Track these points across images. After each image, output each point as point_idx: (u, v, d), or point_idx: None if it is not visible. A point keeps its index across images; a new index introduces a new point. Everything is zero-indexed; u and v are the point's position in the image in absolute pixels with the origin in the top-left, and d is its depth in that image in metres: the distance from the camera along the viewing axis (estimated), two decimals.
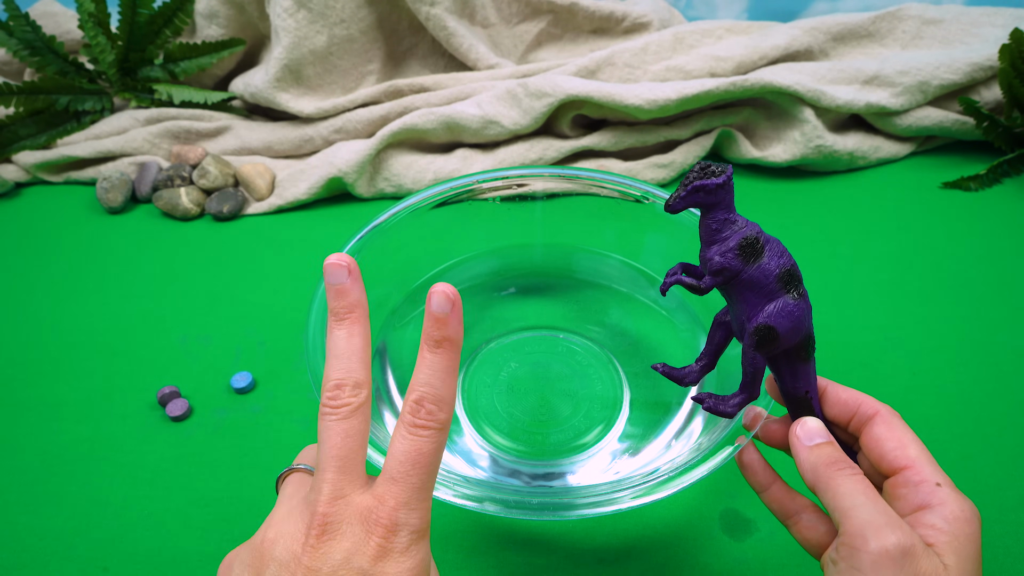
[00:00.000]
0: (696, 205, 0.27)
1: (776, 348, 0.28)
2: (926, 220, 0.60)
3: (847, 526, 0.25)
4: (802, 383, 0.29)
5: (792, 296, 0.27)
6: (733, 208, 0.27)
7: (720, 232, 0.27)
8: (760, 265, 0.27)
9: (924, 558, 0.24)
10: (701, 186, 0.27)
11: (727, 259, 0.27)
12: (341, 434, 0.25)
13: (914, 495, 0.26)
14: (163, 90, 0.67)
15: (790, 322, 0.27)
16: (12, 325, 0.52)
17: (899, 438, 0.27)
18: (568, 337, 0.48)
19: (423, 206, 0.46)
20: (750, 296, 0.27)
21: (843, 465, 0.26)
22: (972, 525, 0.25)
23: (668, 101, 0.60)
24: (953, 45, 0.68)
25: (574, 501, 0.32)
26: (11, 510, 0.41)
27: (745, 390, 0.29)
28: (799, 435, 0.28)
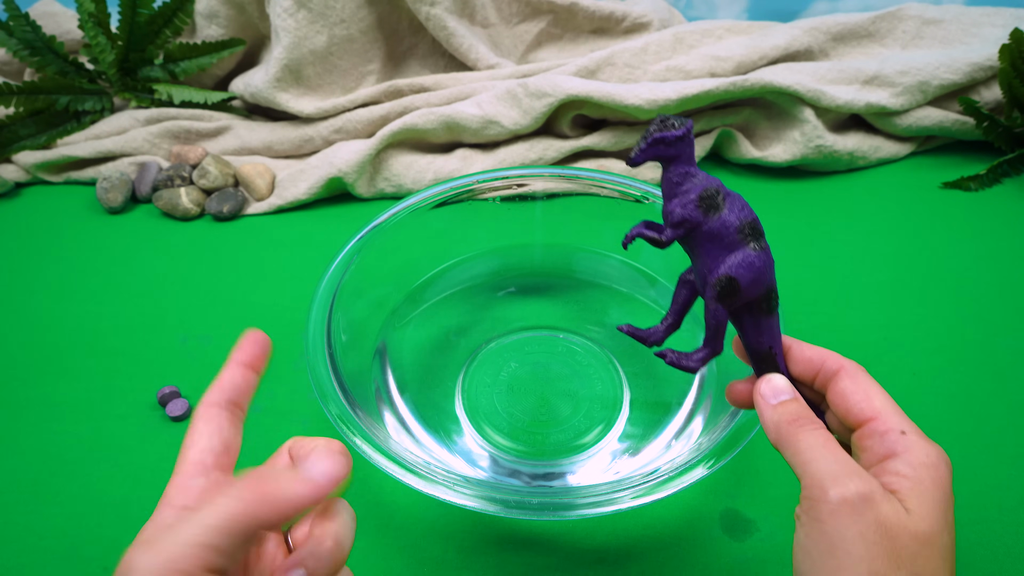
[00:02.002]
0: (657, 158, 0.27)
1: (738, 300, 0.28)
2: (926, 220, 0.60)
3: (807, 479, 0.25)
4: (766, 338, 0.29)
5: (753, 247, 0.27)
6: (694, 162, 0.28)
7: (681, 185, 0.28)
8: (721, 217, 0.27)
9: (884, 503, 0.24)
10: (661, 138, 0.27)
11: (687, 211, 0.27)
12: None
13: (880, 445, 0.26)
14: (163, 90, 0.67)
15: (751, 273, 0.27)
16: (12, 325, 0.52)
17: (864, 390, 0.27)
18: (568, 337, 0.48)
19: (423, 206, 0.46)
20: (711, 248, 0.27)
21: (805, 421, 0.26)
22: (938, 470, 0.25)
23: (668, 101, 0.60)
24: (953, 45, 0.68)
25: (574, 501, 0.32)
26: (11, 510, 0.41)
27: (708, 344, 0.29)
28: (763, 393, 0.28)
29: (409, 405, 0.43)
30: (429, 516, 0.40)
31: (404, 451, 0.35)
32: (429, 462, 0.35)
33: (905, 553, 0.23)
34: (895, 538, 0.23)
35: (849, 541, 0.23)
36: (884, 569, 0.23)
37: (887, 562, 0.23)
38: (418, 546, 0.39)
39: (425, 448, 0.40)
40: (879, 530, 0.23)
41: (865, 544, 0.23)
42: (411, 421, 0.42)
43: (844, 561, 0.23)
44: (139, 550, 0.22)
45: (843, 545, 0.24)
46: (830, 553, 0.24)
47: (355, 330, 0.43)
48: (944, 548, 0.24)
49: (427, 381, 0.45)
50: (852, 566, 0.23)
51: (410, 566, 0.38)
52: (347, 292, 0.42)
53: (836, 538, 0.24)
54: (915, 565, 0.23)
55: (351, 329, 0.42)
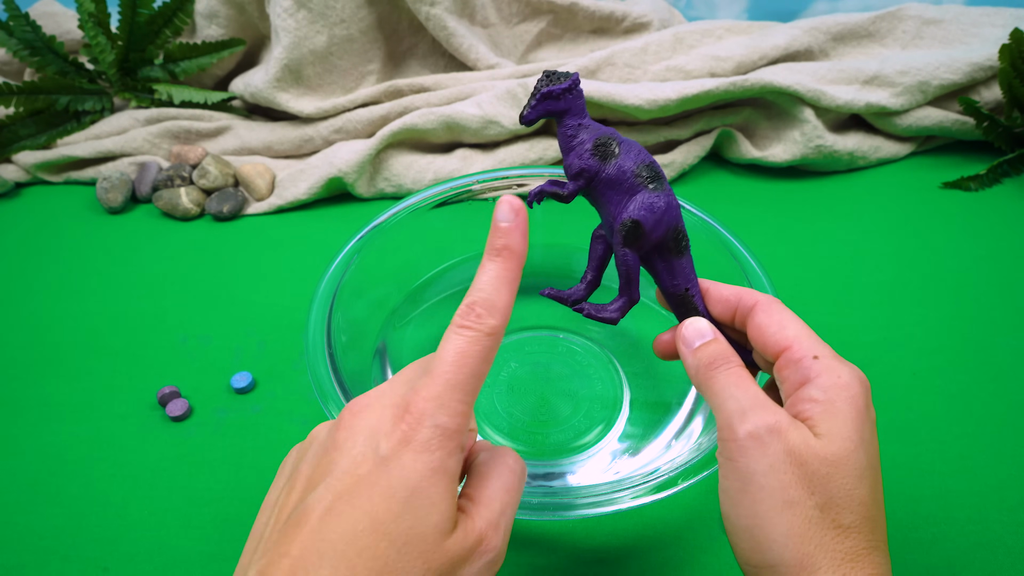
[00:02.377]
0: (548, 114, 0.28)
1: (645, 243, 0.28)
2: (926, 220, 0.60)
3: (719, 421, 0.25)
4: (680, 280, 0.29)
5: (653, 188, 0.28)
6: (585, 114, 0.28)
7: (576, 137, 0.28)
8: (617, 163, 0.28)
9: (792, 432, 0.24)
10: (549, 92, 0.27)
11: (584, 160, 0.28)
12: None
13: (795, 373, 0.26)
14: (163, 90, 0.67)
15: (654, 214, 0.28)
16: (12, 325, 0.52)
17: (778, 321, 0.27)
18: (568, 337, 0.48)
19: (423, 206, 0.46)
20: (612, 195, 0.28)
21: (721, 362, 0.26)
22: (851, 389, 0.25)
23: (668, 101, 0.60)
24: (953, 45, 0.68)
25: (574, 501, 0.32)
26: (11, 510, 0.41)
27: (623, 293, 0.29)
28: (684, 336, 0.28)
29: None
30: None
31: None
32: None
33: (817, 477, 0.23)
34: (805, 464, 0.23)
35: (760, 475, 0.23)
36: (798, 496, 0.23)
37: (801, 489, 0.23)
38: None
39: None
40: (788, 459, 0.23)
41: (776, 475, 0.23)
42: None
43: (758, 495, 0.23)
44: (420, 381, 0.23)
45: (755, 479, 0.23)
46: (744, 490, 0.24)
47: (355, 330, 0.43)
48: (859, 467, 0.23)
49: None
50: (767, 498, 0.23)
51: None
52: (347, 292, 0.42)
53: (748, 474, 0.24)
54: (829, 487, 0.23)
55: (351, 329, 0.42)
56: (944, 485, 0.40)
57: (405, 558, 0.21)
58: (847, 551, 0.22)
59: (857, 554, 0.23)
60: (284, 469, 0.26)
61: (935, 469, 0.41)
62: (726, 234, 0.42)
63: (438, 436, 0.22)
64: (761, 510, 0.23)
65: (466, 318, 0.24)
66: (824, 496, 0.23)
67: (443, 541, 0.22)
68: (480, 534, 0.23)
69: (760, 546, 0.23)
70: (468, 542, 0.22)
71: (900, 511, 0.39)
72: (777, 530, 0.23)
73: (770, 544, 0.23)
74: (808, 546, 0.22)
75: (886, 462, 0.42)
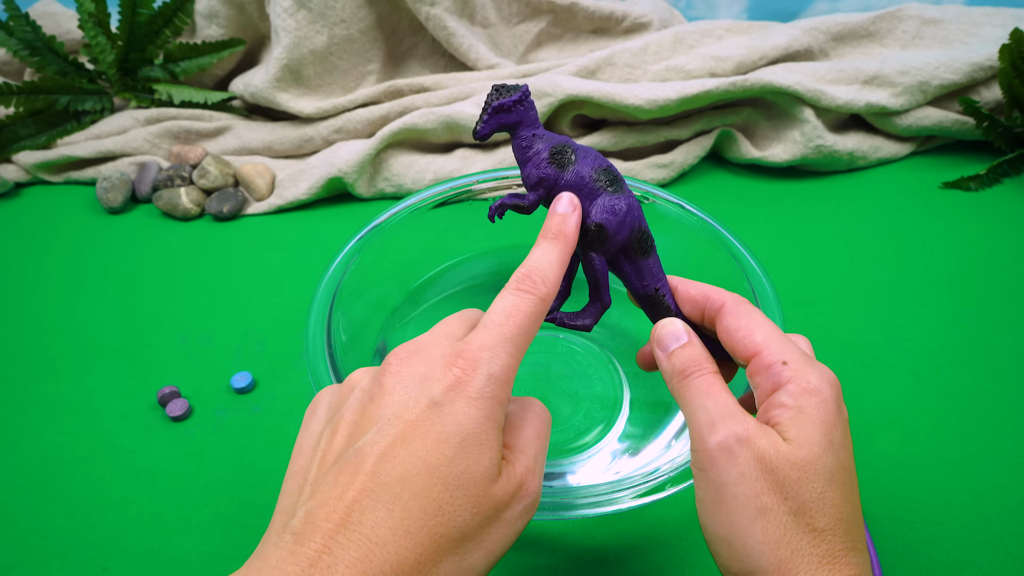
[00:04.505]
0: (501, 127, 0.28)
1: (610, 246, 0.28)
2: (926, 220, 0.60)
3: (691, 432, 0.25)
4: (649, 281, 0.29)
5: (612, 191, 0.28)
6: (539, 125, 0.28)
7: (531, 148, 0.28)
8: (575, 170, 0.28)
9: (760, 439, 0.24)
10: (499, 105, 0.27)
11: (541, 170, 0.28)
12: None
13: (766, 379, 0.25)
14: (163, 90, 0.67)
15: (615, 216, 0.28)
16: (12, 325, 0.52)
17: (746, 325, 0.27)
18: (568, 337, 0.48)
19: (423, 206, 0.45)
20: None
21: (693, 369, 0.26)
22: (820, 394, 0.24)
23: (668, 101, 0.60)
24: (953, 45, 0.68)
25: (574, 501, 0.32)
26: (11, 510, 0.41)
27: (594, 298, 0.29)
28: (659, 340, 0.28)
29: None
30: None
31: None
32: None
33: (788, 482, 0.23)
34: (775, 470, 0.23)
35: (732, 484, 0.23)
36: (771, 503, 0.23)
37: (773, 496, 0.23)
38: None
39: None
40: (758, 466, 0.23)
41: (747, 483, 0.23)
42: None
43: (732, 504, 0.23)
44: (474, 333, 0.24)
45: (728, 489, 0.23)
46: (719, 500, 0.24)
47: (355, 330, 0.43)
48: (828, 470, 0.23)
49: None
50: (740, 507, 0.23)
51: None
52: (347, 292, 0.42)
53: (720, 484, 0.24)
54: (800, 492, 0.23)
55: (351, 329, 0.42)
56: (944, 485, 0.40)
57: (456, 501, 0.22)
58: (823, 554, 0.23)
59: (834, 556, 0.23)
60: (317, 413, 0.26)
61: (935, 469, 0.41)
62: (726, 234, 0.42)
63: (491, 384, 0.23)
64: (736, 519, 0.23)
65: (522, 283, 0.25)
66: (796, 501, 0.23)
67: (490, 486, 0.23)
68: (520, 479, 0.24)
69: (738, 554, 0.23)
70: (511, 487, 0.23)
71: (900, 511, 0.39)
72: (753, 538, 0.23)
73: (747, 552, 0.23)
74: (784, 551, 0.22)
75: (886, 463, 0.42)
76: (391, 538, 0.20)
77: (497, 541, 0.23)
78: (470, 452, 0.22)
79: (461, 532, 0.22)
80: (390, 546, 0.20)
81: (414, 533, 0.21)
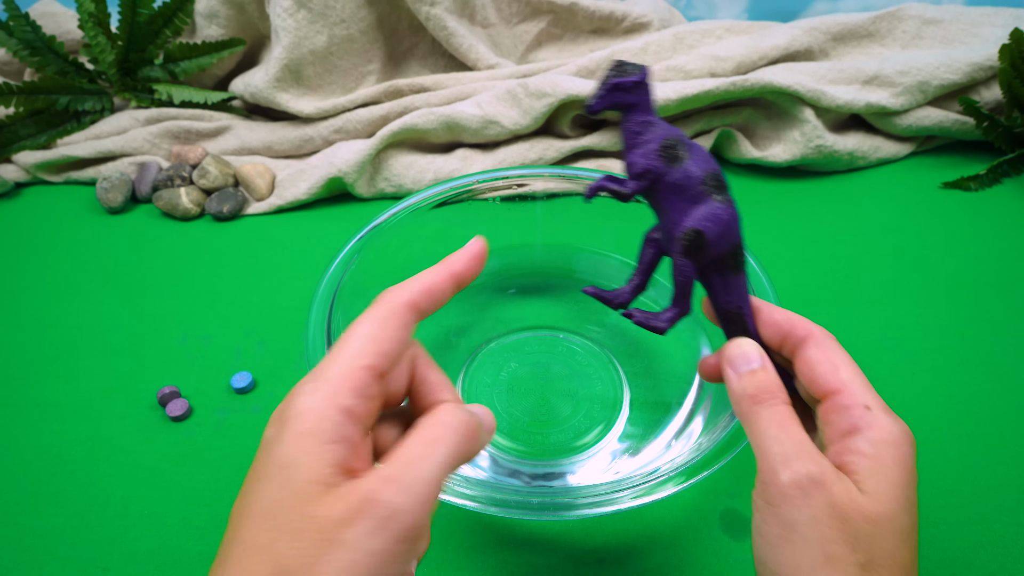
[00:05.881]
0: (615, 106, 0.26)
1: (705, 255, 0.27)
2: (926, 220, 0.60)
3: (761, 463, 0.24)
4: (734, 297, 0.28)
5: (719, 200, 0.26)
6: (653, 111, 0.27)
7: (641, 135, 0.27)
8: (684, 168, 0.26)
9: (836, 485, 0.23)
10: (619, 83, 0.26)
11: (650, 161, 0.26)
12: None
13: (843, 419, 0.25)
14: (163, 90, 0.67)
15: (718, 226, 0.26)
16: (12, 325, 0.52)
17: (831, 360, 0.26)
18: (568, 337, 0.48)
19: (423, 206, 0.46)
20: (676, 201, 0.27)
21: (765, 396, 0.25)
22: (901, 448, 0.24)
23: (668, 101, 0.60)
24: (953, 45, 0.68)
25: (574, 501, 0.32)
26: (11, 510, 0.41)
27: (676, 304, 0.28)
28: (731, 359, 0.27)
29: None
30: None
31: None
32: None
33: (861, 535, 0.23)
34: (849, 520, 0.23)
35: (803, 525, 0.23)
36: (840, 552, 0.22)
37: (843, 545, 0.22)
38: None
39: None
40: (832, 512, 0.23)
41: (818, 527, 0.23)
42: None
43: (799, 545, 0.23)
44: (300, 396, 0.24)
45: (797, 529, 0.23)
46: (785, 538, 0.23)
47: None
48: (903, 529, 0.23)
49: None
50: (807, 550, 0.23)
51: None
52: (347, 292, 0.42)
53: (790, 522, 0.23)
54: (872, 547, 0.22)
55: None
56: (944, 485, 0.40)
57: (269, 533, 0.21)
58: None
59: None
60: None
61: (935, 469, 0.41)
62: None
63: (318, 401, 0.24)
64: (801, 562, 0.23)
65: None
66: (866, 555, 0.22)
67: (308, 507, 0.21)
68: (365, 493, 0.21)
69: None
70: (345, 504, 0.21)
71: None
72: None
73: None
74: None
75: None
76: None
77: (342, 570, 0.20)
78: (277, 478, 0.22)
79: (281, 567, 0.20)
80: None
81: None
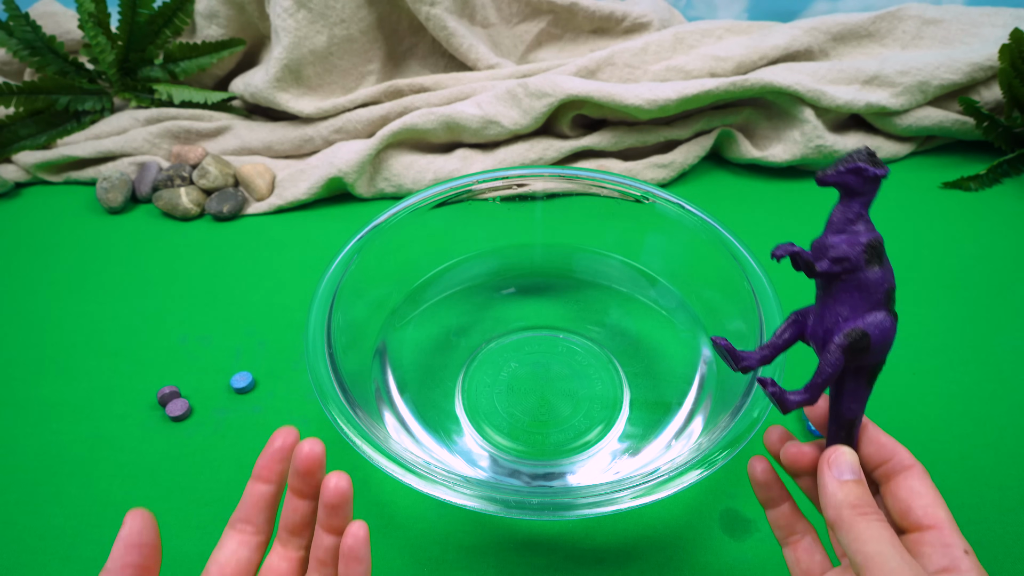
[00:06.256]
0: (842, 185, 0.26)
1: (861, 359, 0.27)
2: (926, 220, 0.60)
3: (872, 572, 0.25)
4: (857, 407, 0.29)
5: (890, 313, 0.27)
6: (868, 207, 0.27)
7: (853, 224, 0.27)
8: (878, 272, 0.27)
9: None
10: (862, 169, 0.26)
11: (854, 251, 0.26)
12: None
13: (940, 556, 0.26)
14: (163, 90, 0.67)
15: (882, 339, 0.27)
16: (12, 325, 0.52)
17: (933, 495, 0.27)
18: (568, 337, 0.48)
19: (423, 206, 0.45)
20: (856, 299, 0.27)
21: (869, 510, 0.26)
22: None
23: (668, 101, 0.60)
24: (953, 45, 0.68)
25: (574, 501, 0.32)
26: (11, 510, 0.41)
27: (809, 391, 0.28)
28: (835, 464, 0.27)
29: (409, 405, 0.43)
30: (429, 516, 0.40)
31: (404, 451, 0.35)
32: (429, 462, 0.35)
33: None
34: None
35: None
36: None
37: None
38: (418, 546, 0.39)
39: (425, 448, 0.40)
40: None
41: None
42: (411, 421, 0.42)
43: None
44: None
45: None
46: None
47: (355, 330, 0.43)
48: None
49: (427, 381, 0.45)
50: None
51: (410, 566, 0.38)
52: (347, 292, 0.42)
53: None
54: None
55: (351, 329, 0.42)
56: (944, 485, 0.40)
57: None
58: None
59: None
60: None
61: (935, 469, 0.41)
62: (726, 234, 0.42)
63: None
64: None
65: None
66: None
67: None
68: None
69: None
70: None
71: None
72: None
73: None
74: None
75: None
76: None
77: None
78: None
79: None
80: None
81: None
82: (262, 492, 0.28)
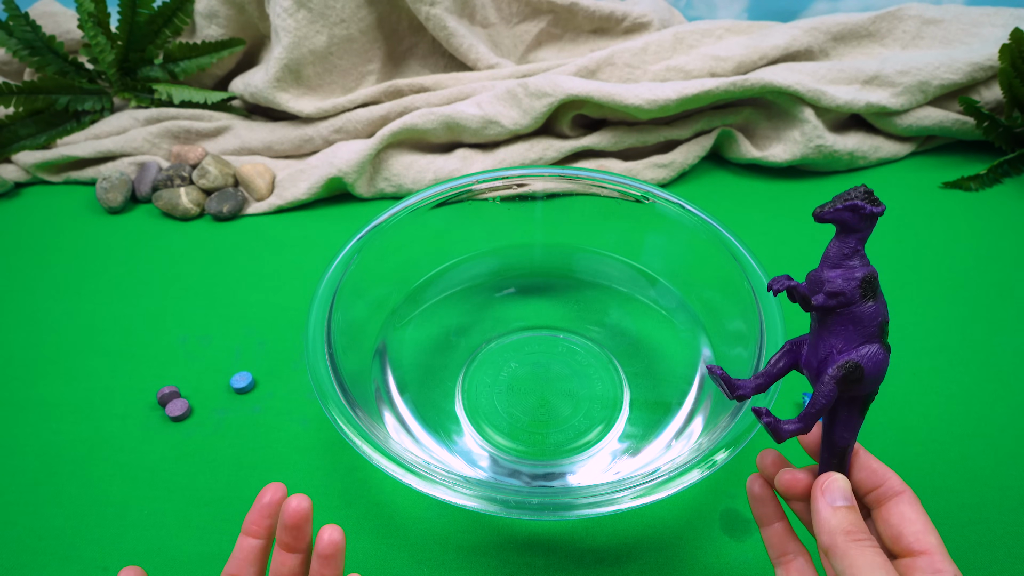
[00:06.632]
0: (839, 221, 0.27)
1: (850, 389, 0.28)
2: (926, 220, 0.60)
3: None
4: (849, 436, 0.29)
5: (884, 345, 0.27)
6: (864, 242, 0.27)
7: (849, 259, 0.27)
8: (872, 306, 0.27)
9: None
10: (859, 207, 0.26)
11: (849, 286, 0.27)
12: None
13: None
14: (163, 90, 0.67)
15: (875, 371, 0.27)
16: (12, 325, 0.52)
17: (924, 522, 0.28)
18: (568, 337, 0.48)
19: (423, 206, 0.45)
20: (851, 331, 0.27)
21: (862, 536, 0.27)
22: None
23: (668, 101, 0.60)
24: (953, 45, 0.68)
25: (574, 501, 0.32)
26: (11, 510, 0.41)
27: (803, 420, 0.28)
28: (827, 490, 0.28)
29: (409, 405, 0.43)
30: (429, 516, 0.40)
31: (404, 451, 0.35)
32: (429, 462, 0.35)
33: None
34: None
35: None
36: None
37: None
38: (418, 546, 0.39)
39: (425, 448, 0.40)
40: None
41: None
42: (411, 421, 0.42)
43: None
44: None
45: None
46: None
47: (355, 330, 0.43)
48: None
49: (427, 381, 0.45)
50: None
51: (410, 566, 0.38)
52: (347, 292, 0.42)
53: None
54: None
55: (351, 329, 0.42)
56: (944, 485, 0.40)
57: None
58: None
59: None
60: None
61: (935, 469, 0.41)
62: (726, 234, 0.42)
63: None
64: None
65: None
66: None
67: None
68: None
69: None
70: None
71: None
72: None
73: None
74: None
75: (885, 463, 0.42)
76: None
77: None
78: None
79: None
80: None
81: None
82: (252, 546, 0.29)
